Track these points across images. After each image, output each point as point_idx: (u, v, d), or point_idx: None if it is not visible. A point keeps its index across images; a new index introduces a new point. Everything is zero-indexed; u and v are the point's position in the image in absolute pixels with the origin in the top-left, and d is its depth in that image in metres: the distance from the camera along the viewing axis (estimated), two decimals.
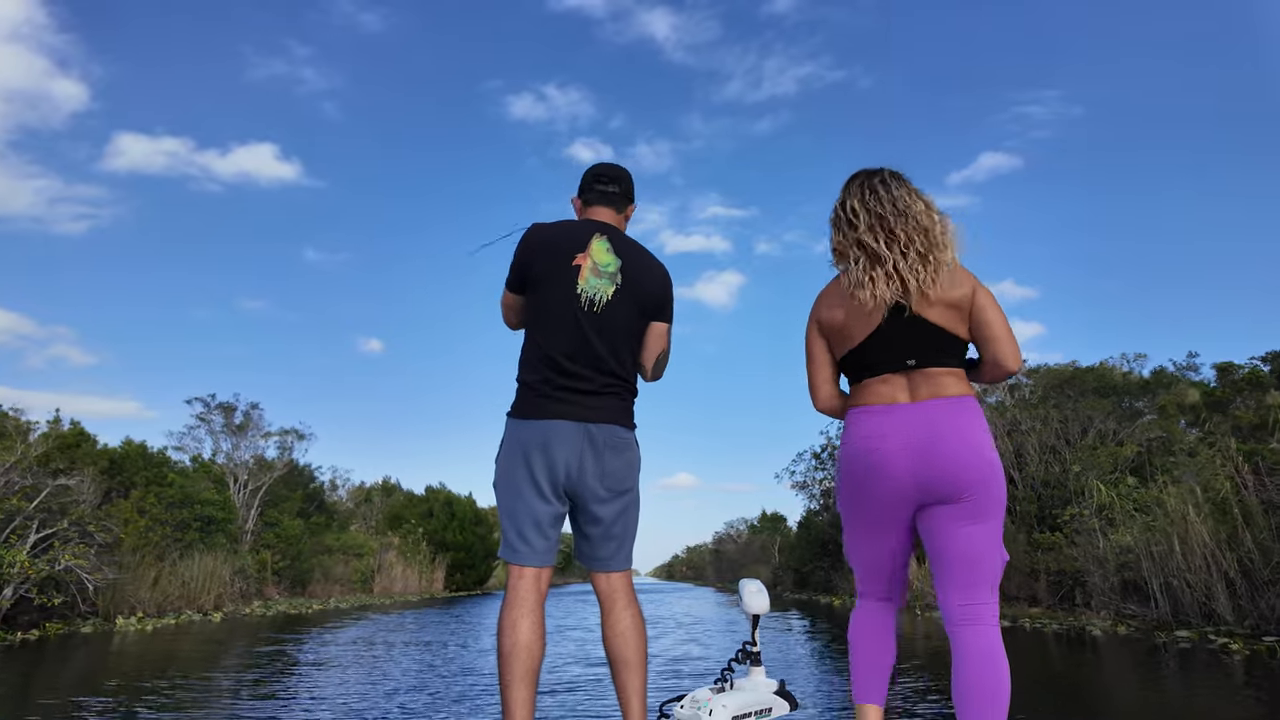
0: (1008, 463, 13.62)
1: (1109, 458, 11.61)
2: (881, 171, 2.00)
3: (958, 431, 1.82)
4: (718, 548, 42.56)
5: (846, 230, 1.96)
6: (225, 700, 4.07)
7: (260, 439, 18.59)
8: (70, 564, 8.81)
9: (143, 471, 12.39)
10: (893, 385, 1.90)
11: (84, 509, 9.48)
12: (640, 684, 2.15)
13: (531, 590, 2.09)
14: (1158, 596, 7.90)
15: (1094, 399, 13.74)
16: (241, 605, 13.01)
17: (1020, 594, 11.52)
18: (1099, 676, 4.91)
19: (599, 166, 2.43)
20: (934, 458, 1.81)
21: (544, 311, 2.19)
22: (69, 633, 8.31)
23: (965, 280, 1.90)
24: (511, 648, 2.01)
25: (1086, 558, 9.32)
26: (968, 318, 1.90)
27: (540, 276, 2.20)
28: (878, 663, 2.00)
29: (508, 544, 2.14)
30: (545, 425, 2.12)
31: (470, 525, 25.75)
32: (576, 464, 2.12)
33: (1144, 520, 8.65)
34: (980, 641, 1.79)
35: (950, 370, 1.90)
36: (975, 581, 1.83)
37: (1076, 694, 4.23)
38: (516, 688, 1.99)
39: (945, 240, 1.90)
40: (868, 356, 1.93)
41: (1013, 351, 1.89)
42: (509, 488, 2.15)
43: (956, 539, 1.84)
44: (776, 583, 25.74)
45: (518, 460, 2.13)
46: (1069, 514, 10.44)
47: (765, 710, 2.38)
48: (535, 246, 2.23)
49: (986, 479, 1.82)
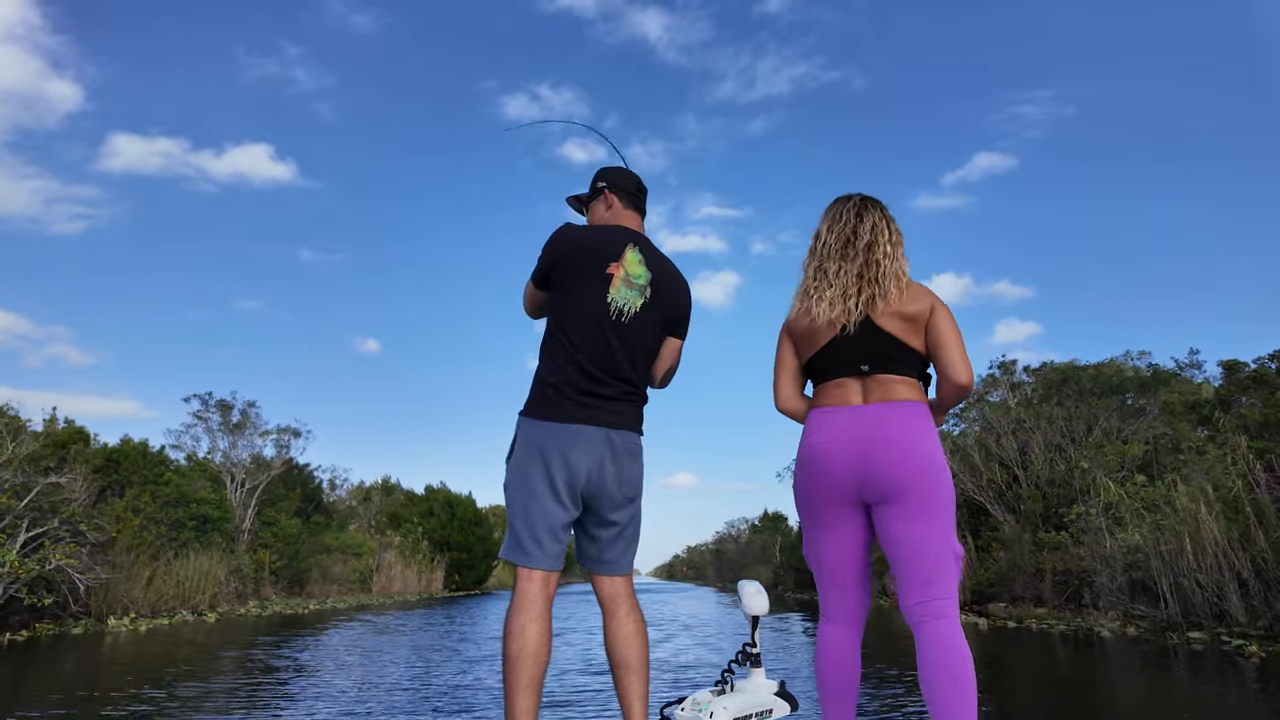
0: (1012, 461, 13.47)
1: (1115, 456, 11.46)
2: (853, 198, 2.15)
3: (897, 431, 1.92)
4: (718, 548, 42.43)
5: (816, 252, 2.14)
6: (182, 713, 3.91)
7: (258, 437, 18.46)
8: (61, 564, 8.67)
9: (140, 470, 12.25)
10: (847, 389, 2.04)
11: (75, 508, 9.34)
12: (643, 688, 2.14)
13: (540, 594, 2.07)
14: (1167, 597, 7.75)
15: (1096, 398, 13.59)
16: (237, 605, 12.88)
17: (1026, 594, 11.37)
18: (1109, 679, 4.76)
19: (632, 173, 2.46)
20: (872, 456, 1.92)
21: (573, 315, 2.18)
22: (60, 633, 8.18)
23: (923, 297, 2.03)
24: (519, 653, 1.98)
25: (1094, 557, 9.17)
26: (923, 331, 2.02)
27: (571, 279, 2.19)
28: (847, 690, 2.04)
29: (518, 546, 2.09)
30: (568, 429, 2.11)
31: (470, 525, 25.61)
32: (598, 470, 2.12)
33: (1153, 519, 8.50)
34: (940, 634, 1.84)
35: (903, 378, 2.01)
36: (928, 578, 1.89)
37: (1086, 697, 4.08)
38: (523, 694, 1.95)
39: (895, 268, 2.04)
40: (827, 361, 2.06)
41: (963, 365, 1.99)
42: (524, 490, 2.10)
43: (903, 537, 1.91)
44: (778, 583, 25.61)
45: (536, 463, 2.10)
46: (1075, 513, 10.28)
47: (766, 711, 2.37)
48: (566, 247, 2.21)
49: (922, 470, 1.89)
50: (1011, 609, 11.00)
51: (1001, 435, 13.67)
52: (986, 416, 14.45)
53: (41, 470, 9.40)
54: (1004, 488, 13.45)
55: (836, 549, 2.06)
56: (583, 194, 2.48)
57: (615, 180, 2.41)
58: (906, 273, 2.07)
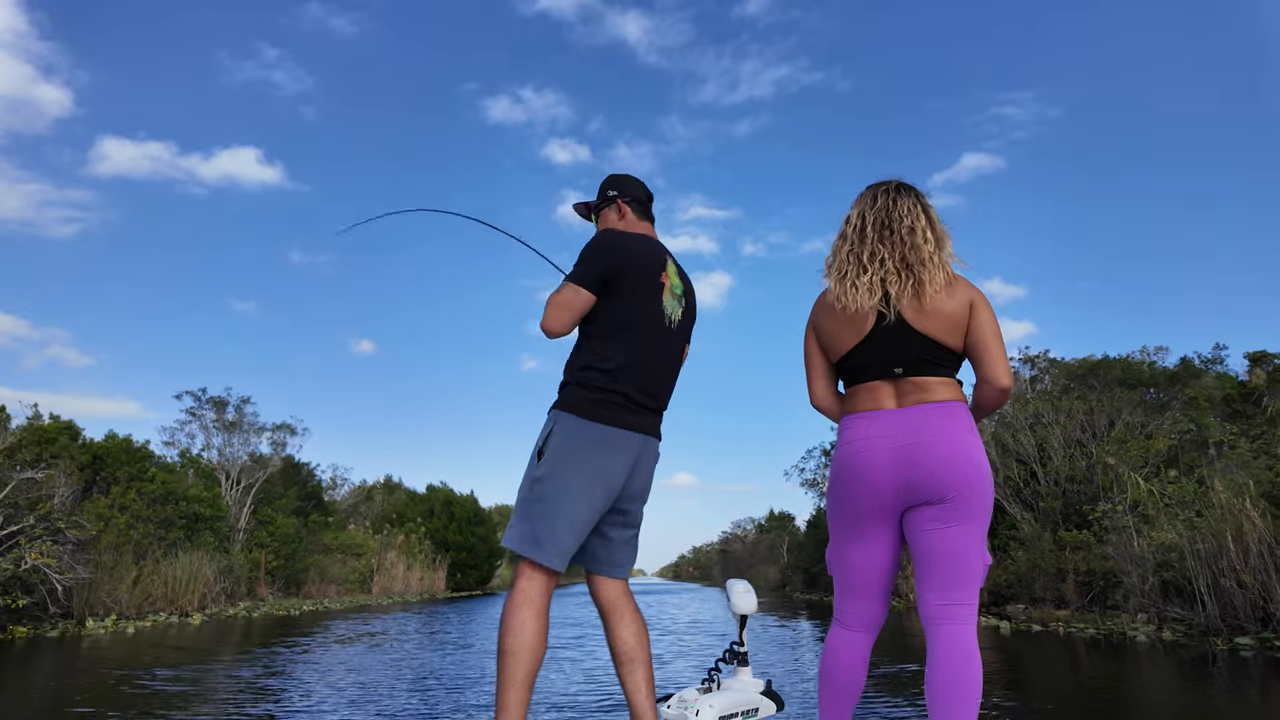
0: (1030, 457, 12.99)
1: (1139, 451, 10.97)
2: (889, 183, 2.03)
3: (940, 434, 1.85)
4: (724, 548, 42.08)
5: (847, 235, 2.01)
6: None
7: (253, 434, 18.08)
8: (37, 563, 8.28)
9: (125, 467, 11.86)
10: (880, 392, 1.94)
11: (53, 504, 8.94)
12: (650, 680, 2.18)
13: (545, 592, 2.06)
14: (1204, 598, 7.28)
15: (1121, 390, 13.09)
16: (227, 606, 12.49)
17: (1046, 595, 10.90)
18: (1160, 690, 4.30)
19: (640, 180, 2.45)
20: (915, 460, 1.85)
21: (634, 323, 2.18)
22: (35, 636, 7.78)
23: (963, 293, 1.91)
24: (519, 649, 1.98)
25: (1122, 556, 8.69)
26: (963, 331, 1.91)
27: (631, 286, 2.18)
28: (850, 696, 1.99)
29: (534, 540, 2.04)
30: (617, 435, 2.12)
31: (471, 525, 25.22)
32: (632, 475, 2.18)
33: (1186, 516, 8.03)
34: (955, 640, 1.80)
35: (940, 379, 1.91)
36: (954, 582, 1.85)
37: (1142, 711, 3.63)
38: (518, 689, 1.97)
39: (937, 255, 1.92)
40: (857, 364, 1.97)
41: (1005, 367, 1.91)
42: (561, 487, 2.06)
43: (939, 539, 1.86)
44: (785, 583, 25.20)
45: (580, 462, 2.08)
46: (1100, 510, 9.80)
47: (752, 710, 2.36)
48: (625, 254, 2.20)
49: (970, 480, 1.83)
50: (1032, 611, 10.53)
51: (1019, 430, 13.19)
52: (1003, 410, 13.98)
53: (17, 465, 9.01)
54: (1021, 485, 12.98)
55: (866, 559, 1.99)
56: (590, 201, 2.46)
57: (627, 189, 2.40)
58: (950, 266, 1.95)
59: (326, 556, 18.57)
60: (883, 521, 1.94)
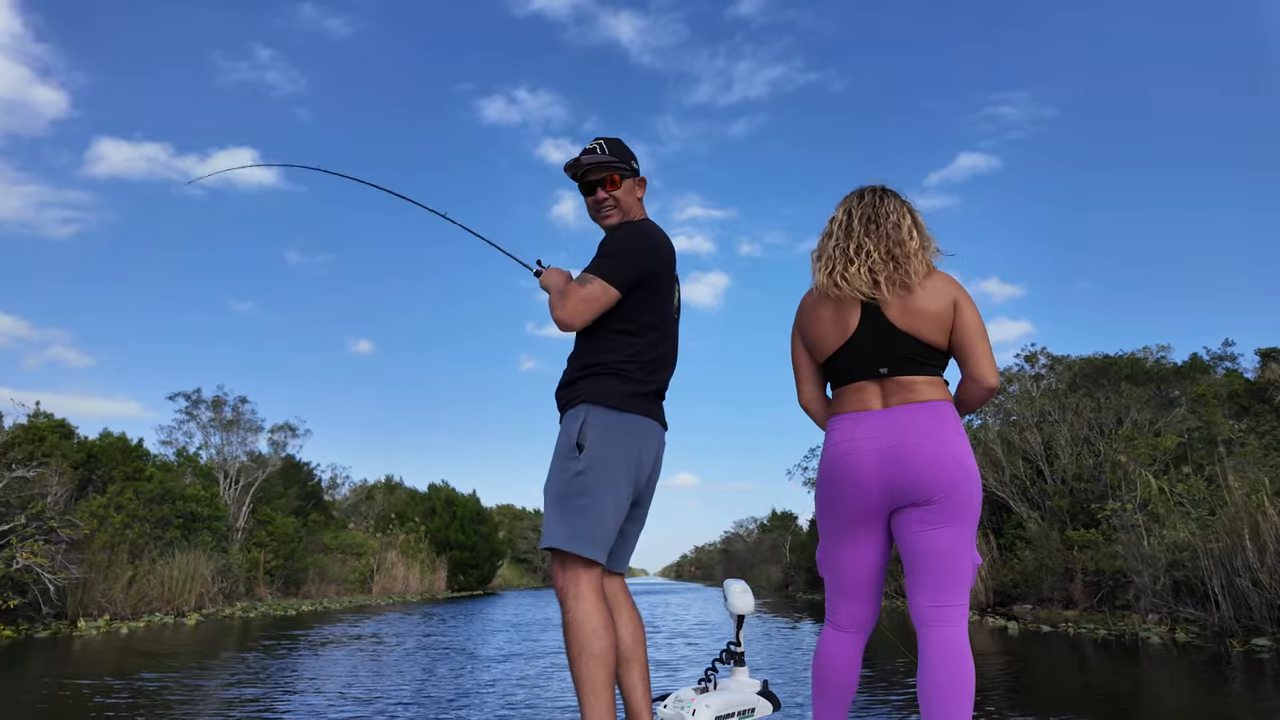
0: (1036, 455, 12.82)
1: (1147, 449, 10.79)
2: (874, 186, 2.07)
3: (926, 435, 1.84)
4: (727, 547, 41.93)
5: (833, 232, 2.03)
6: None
7: (251, 434, 17.97)
8: (29, 563, 8.16)
9: (120, 466, 11.74)
10: (866, 392, 1.94)
11: (45, 503, 8.82)
12: (646, 679, 2.16)
13: (600, 586, 2.04)
14: (1219, 598, 7.11)
15: (1128, 386, 12.91)
16: (224, 606, 12.36)
17: (1054, 595, 10.72)
18: (1187, 696, 4.15)
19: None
20: (902, 462, 1.84)
21: (659, 317, 2.19)
22: (25, 637, 7.66)
23: (948, 290, 1.91)
24: (606, 649, 1.95)
25: (1133, 556, 8.53)
26: (948, 329, 1.91)
27: (660, 286, 2.19)
28: (843, 696, 1.99)
29: (588, 538, 1.99)
30: (647, 425, 2.13)
31: (472, 524, 25.08)
32: (653, 466, 2.19)
33: (1198, 514, 7.86)
34: (947, 641, 1.80)
35: (925, 379, 1.90)
36: (945, 583, 1.85)
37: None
38: (606, 690, 1.94)
39: (921, 252, 1.93)
40: (842, 365, 1.97)
41: (990, 366, 1.91)
42: (605, 477, 2.03)
43: (927, 541, 1.85)
44: (788, 583, 25.04)
45: (621, 453, 2.06)
46: (1110, 509, 9.63)
47: (748, 710, 2.36)
48: (658, 256, 2.19)
49: (957, 481, 1.82)
50: (1038, 611, 10.37)
51: (1025, 428, 13.01)
52: (1008, 409, 13.80)
53: (7, 464, 8.88)
54: (1028, 483, 12.80)
55: (856, 561, 1.99)
56: (610, 161, 2.22)
57: (636, 166, 2.35)
58: (933, 263, 1.97)
59: (326, 556, 18.46)
60: (871, 523, 1.94)
